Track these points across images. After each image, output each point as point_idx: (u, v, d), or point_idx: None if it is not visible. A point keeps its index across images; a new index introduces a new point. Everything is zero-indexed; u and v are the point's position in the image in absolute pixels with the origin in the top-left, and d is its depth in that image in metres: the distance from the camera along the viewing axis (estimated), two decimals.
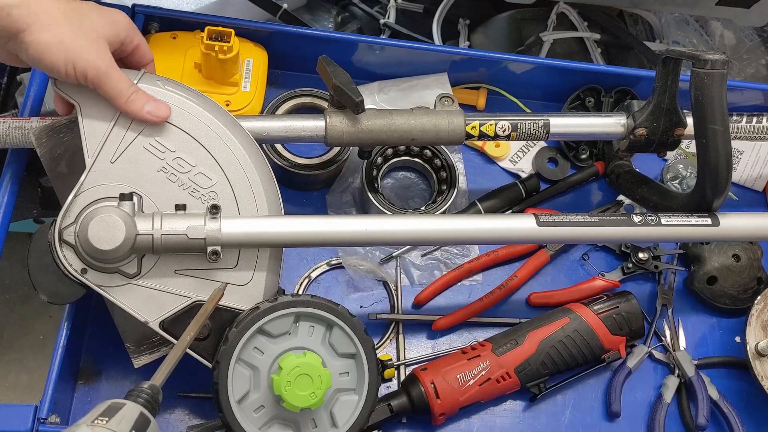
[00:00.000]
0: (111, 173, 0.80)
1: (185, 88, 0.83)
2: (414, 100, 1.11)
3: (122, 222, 0.76)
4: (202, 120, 0.81)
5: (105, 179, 0.79)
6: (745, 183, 1.18)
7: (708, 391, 0.98)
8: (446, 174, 1.06)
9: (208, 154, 0.81)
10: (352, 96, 0.85)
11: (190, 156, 0.81)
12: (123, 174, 0.80)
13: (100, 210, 0.77)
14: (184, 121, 0.81)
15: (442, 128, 0.90)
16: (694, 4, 1.18)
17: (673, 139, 0.97)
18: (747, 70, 1.32)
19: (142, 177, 0.80)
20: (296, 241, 0.82)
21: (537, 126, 0.94)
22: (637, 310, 0.98)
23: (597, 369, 0.98)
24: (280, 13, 1.19)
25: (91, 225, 0.76)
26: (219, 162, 0.81)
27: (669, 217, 0.90)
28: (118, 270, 0.79)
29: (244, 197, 0.82)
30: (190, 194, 0.81)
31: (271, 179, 0.84)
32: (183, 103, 0.81)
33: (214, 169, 0.81)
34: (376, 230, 0.84)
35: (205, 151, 0.81)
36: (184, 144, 0.81)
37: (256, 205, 0.82)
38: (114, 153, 0.80)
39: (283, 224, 0.82)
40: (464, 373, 0.91)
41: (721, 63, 0.85)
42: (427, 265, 1.05)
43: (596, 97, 1.14)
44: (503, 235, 0.88)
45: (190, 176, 0.81)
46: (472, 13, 1.30)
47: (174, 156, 0.80)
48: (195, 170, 0.81)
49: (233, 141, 0.82)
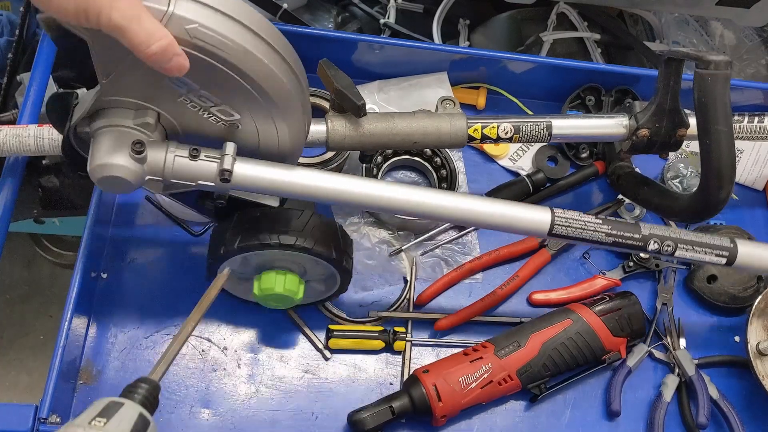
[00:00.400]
0: (126, 90, 0.73)
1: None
2: (414, 100, 1.11)
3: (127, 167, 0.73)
4: (241, 51, 0.69)
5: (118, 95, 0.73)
6: (745, 182, 1.18)
7: (708, 390, 0.98)
8: (446, 173, 1.06)
9: (238, 86, 0.71)
10: (353, 99, 0.84)
11: (216, 91, 0.72)
12: (140, 92, 0.73)
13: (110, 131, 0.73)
14: (219, 50, 0.68)
15: (444, 131, 0.90)
16: (694, 4, 1.18)
17: (676, 139, 0.97)
18: (747, 70, 1.33)
19: (161, 100, 0.74)
20: (302, 192, 0.81)
21: (539, 128, 0.94)
22: (639, 312, 0.98)
23: (597, 369, 0.98)
24: (280, 13, 1.19)
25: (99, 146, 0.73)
26: (246, 95, 0.72)
27: (685, 249, 0.88)
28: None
29: (266, 132, 0.77)
30: (211, 122, 0.76)
31: (303, 110, 0.78)
32: (221, 26, 0.68)
33: (240, 103, 0.74)
34: (393, 197, 0.82)
35: (234, 84, 0.71)
36: (211, 77, 0.70)
37: (278, 141, 0.78)
38: (130, 79, 0.71)
39: (290, 175, 0.79)
40: (466, 375, 0.91)
41: (725, 64, 0.85)
42: (429, 262, 1.05)
43: (596, 97, 1.14)
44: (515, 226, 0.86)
45: (213, 110, 0.75)
46: (472, 13, 1.30)
47: (198, 93, 0.73)
48: (217, 107, 0.74)
49: (272, 72, 0.71)
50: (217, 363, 0.95)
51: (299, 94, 0.76)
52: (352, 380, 0.97)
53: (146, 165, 0.75)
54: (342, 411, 0.93)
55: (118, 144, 0.73)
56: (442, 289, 1.03)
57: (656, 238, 0.87)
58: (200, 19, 0.65)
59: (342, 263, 0.87)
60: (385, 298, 1.03)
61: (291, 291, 0.88)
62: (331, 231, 0.87)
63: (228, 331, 0.97)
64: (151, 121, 0.74)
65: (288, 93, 0.74)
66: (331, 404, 0.95)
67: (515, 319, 1.01)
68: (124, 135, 0.74)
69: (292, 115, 0.76)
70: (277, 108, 0.74)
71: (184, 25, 0.65)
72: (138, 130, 0.74)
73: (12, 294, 1.69)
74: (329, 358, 0.97)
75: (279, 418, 0.94)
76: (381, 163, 1.06)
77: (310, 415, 0.94)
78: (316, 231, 0.84)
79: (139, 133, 0.74)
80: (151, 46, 0.62)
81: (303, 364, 0.97)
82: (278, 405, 0.94)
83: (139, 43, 0.62)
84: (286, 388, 0.95)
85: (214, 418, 0.93)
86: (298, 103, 0.76)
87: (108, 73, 0.70)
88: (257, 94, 0.72)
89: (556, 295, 1.04)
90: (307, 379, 0.96)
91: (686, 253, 0.88)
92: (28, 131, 0.86)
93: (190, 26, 0.65)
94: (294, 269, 0.89)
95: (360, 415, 0.90)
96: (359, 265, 1.03)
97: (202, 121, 0.76)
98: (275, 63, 0.71)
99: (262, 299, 0.90)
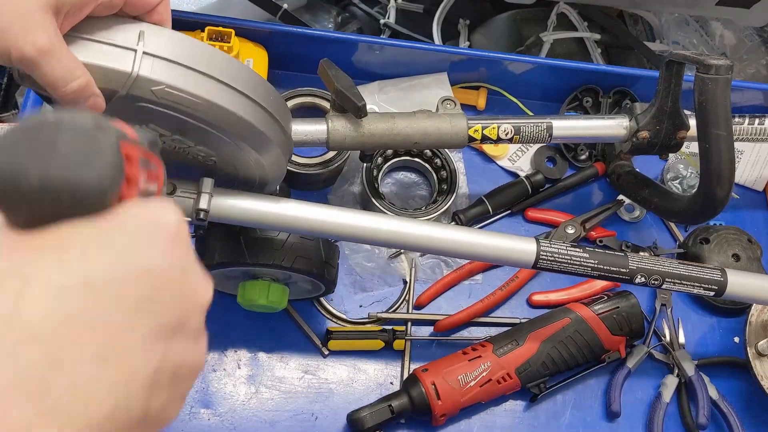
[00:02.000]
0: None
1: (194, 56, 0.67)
2: (414, 100, 1.11)
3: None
4: (205, 96, 0.67)
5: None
6: (745, 183, 1.18)
7: (708, 391, 0.99)
8: (446, 174, 1.06)
9: (208, 131, 0.70)
10: (354, 100, 0.84)
11: (189, 136, 0.72)
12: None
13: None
14: (185, 107, 0.67)
15: (445, 132, 0.90)
16: (694, 4, 1.18)
17: (676, 141, 0.97)
18: (747, 70, 1.32)
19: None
20: (281, 224, 0.81)
21: (540, 129, 0.94)
22: (638, 310, 0.98)
23: (597, 369, 0.98)
24: (280, 13, 1.19)
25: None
26: (218, 139, 0.72)
27: (673, 284, 0.88)
28: None
29: (244, 166, 0.77)
30: (188, 158, 0.76)
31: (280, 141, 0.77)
32: (183, 78, 0.66)
33: (214, 146, 0.74)
34: (375, 228, 0.82)
35: (205, 132, 0.70)
36: (181, 126, 0.70)
37: (257, 172, 0.78)
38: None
39: (270, 206, 0.79)
40: (465, 373, 0.91)
41: (726, 68, 0.85)
42: (428, 264, 1.05)
43: (594, 98, 1.14)
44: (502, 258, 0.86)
45: (188, 151, 0.75)
46: (472, 13, 1.30)
47: (171, 138, 0.72)
48: (192, 149, 0.74)
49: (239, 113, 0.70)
50: (217, 363, 0.95)
51: (274, 131, 0.75)
52: (352, 381, 0.97)
53: None
54: (342, 412, 0.93)
55: None
56: (441, 290, 1.03)
57: (643, 272, 0.87)
58: (166, 79, 0.64)
59: (323, 276, 0.88)
60: (384, 299, 1.03)
61: (274, 302, 0.89)
62: (313, 245, 0.87)
63: (228, 332, 0.97)
64: None
65: (259, 134, 0.72)
66: (331, 405, 0.95)
67: (515, 319, 1.01)
68: None
69: (267, 150, 0.75)
70: (250, 147, 0.73)
71: (150, 87, 0.63)
72: None
73: None
74: (327, 354, 0.97)
75: (279, 419, 0.94)
76: (381, 164, 1.06)
77: (310, 415, 0.94)
78: (296, 247, 0.85)
79: None
80: (68, 84, 0.58)
81: (303, 364, 0.97)
82: (278, 405, 0.95)
83: (55, 80, 0.57)
84: (286, 389, 0.96)
85: (213, 418, 0.93)
86: (271, 140, 0.74)
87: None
88: (228, 139, 0.71)
89: (556, 296, 1.04)
90: (306, 379, 0.96)
91: (674, 286, 0.88)
92: None
93: (156, 88, 0.64)
94: (278, 276, 0.90)
95: (359, 414, 0.90)
96: (358, 268, 1.03)
97: (179, 155, 0.75)
98: (247, 112, 0.70)
99: (246, 306, 0.91)
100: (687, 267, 0.88)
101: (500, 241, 0.84)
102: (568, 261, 0.85)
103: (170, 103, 0.65)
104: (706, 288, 0.88)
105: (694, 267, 0.89)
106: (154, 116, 0.67)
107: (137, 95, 0.63)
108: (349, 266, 1.02)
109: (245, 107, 0.71)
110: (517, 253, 0.84)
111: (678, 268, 0.88)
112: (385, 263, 1.03)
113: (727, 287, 0.88)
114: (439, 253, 0.93)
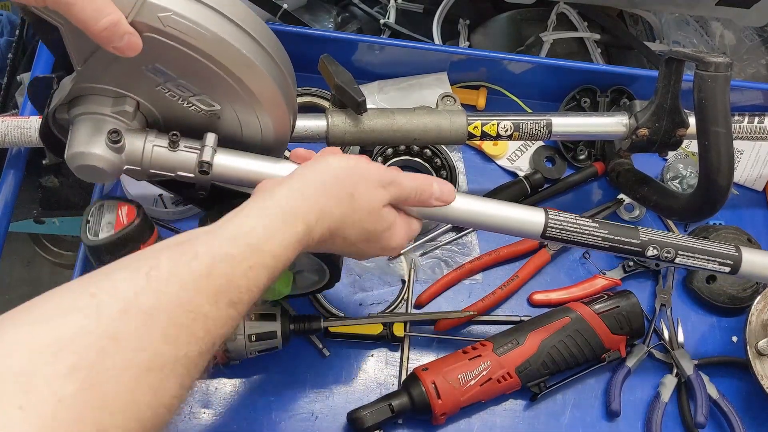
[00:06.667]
0: (102, 77, 0.71)
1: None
2: (414, 100, 1.11)
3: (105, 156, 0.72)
4: (217, 39, 0.67)
5: (96, 82, 0.71)
6: (745, 183, 1.18)
7: (707, 390, 0.98)
8: (446, 173, 1.06)
9: (216, 76, 0.69)
10: (354, 96, 0.84)
11: (194, 81, 0.71)
12: (117, 79, 0.71)
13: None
14: (193, 39, 0.66)
15: (444, 128, 0.90)
16: (694, 4, 1.18)
17: (675, 139, 0.97)
18: (747, 70, 1.32)
19: (139, 89, 0.73)
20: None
21: (539, 126, 0.94)
22: (638, 309, 0.98)
23: (597, 368, 0.98)
24: (280, 13, 1.19)
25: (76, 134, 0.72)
26: (225, 85, 0.71)
27: (686, 257, 0.86)
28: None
29: (248, 123, 0.76)
30: (192, 112, 0.75)
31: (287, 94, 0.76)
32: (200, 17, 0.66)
33: (219, 94, 0.72)
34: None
35: (211, 74, 0.69)
36: (187, 67, 0.69)
37: (261, 133, 0.77)
38: (106, 66, 0.69)
39: (272, 168, 0.77)
40: (465, 373, 0.91)
41: (725, 66, 0.85)
42: (429, 263, 1.05)
43: (592, 98, 1.14)
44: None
45: (193, 99, 0.73)
46: (472, 13, 1.30)
47: (176, 83, 0.71)
48: (197, 97, 0.73)
49: (251, 64, 0.70)
50: (217, 363, 0.95)
51: (282, 86, 0.74)
52: (352, 380, 0.97)
53: (124, 154, 0.73)
54: (342, 411, 0.93)
55: (95, 132, 0.72)
56: (441, 289, 1.03)
57: (655, 244, 0.85)
58: (174, 6, 0.63)
59: (329, 258, 0.86)
60: (384, 299, 1.03)
61: (278, 287, 0.88)
62: None
63: None
64: (129, 109, 0.72)
65: (269, 85, 0.72)
66: (331, 404, 0.95)
67: (515, 317, 1.01)
68: (101, 123, 0.72)
69: (274, 108, 0.74)
70: (258, 100, 0.72)
71: (157, 13, 0.63)
72: (116, 118, 0.72)
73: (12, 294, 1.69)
74: (328, 355, 0.97)
75: (279, 419, 0.94)
76: (381, 163, 1.06)
77: (310, 415, 0.94)
78: None
79: (117, 121, 0.73)
80: (99, 21, 0.59)
81: (303, 364, 0.97)
82: (278, 405, 0.94)
83: (86, 18, 0.59)
84: (286, 389, 0.95)
85: (214, 418, 0.93)
86: (280, 96, 0.74)
87: (82, 59, 0.68)
88: (235, 85, 0.70)
89: (557, 296, 1.04)
90: (307, 379, 0.96)
91: (687, 260, 0.86)
92: (29, 122, 0.86)
93: (163, 14, 0.63)
94: None
95: (359, 413, 0.90)
96: (357, 267, 1.02)
97: (183, 110, 0.74)
98: (254, 53, 0.69)
99: None
100: (701, 241, 0.86)
101: (508, 210, 0.83)
102: (577, 231, 0.83)
103: (177, 34, 0.64)
104: (721, 263, 0.86)
105: (708, 242, 0.87)
106: (161, 53, 0.66)
107: (144, 22, 0.63)
108: (348, 266, 1.02)
109: (259, 55, 0.70)
110: (525, 223, 0.83)
111: (692, 241, 0.86)
112: (384, 263, 1.03)
113: (741, 264, 0.87)
114: (448, 222, 0.89)
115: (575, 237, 0.84)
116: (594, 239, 0.84)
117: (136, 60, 0.64)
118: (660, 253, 0.85)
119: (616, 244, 0.85)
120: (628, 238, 0.85)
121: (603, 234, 0.84)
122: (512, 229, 0.83)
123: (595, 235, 0.84)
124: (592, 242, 0.84)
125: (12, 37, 1.18)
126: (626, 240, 0.85)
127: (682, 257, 0.86)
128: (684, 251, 0.86)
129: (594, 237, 0.84)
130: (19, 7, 0.66)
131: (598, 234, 0.84)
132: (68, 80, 0.73)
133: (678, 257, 0.86)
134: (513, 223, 0.83)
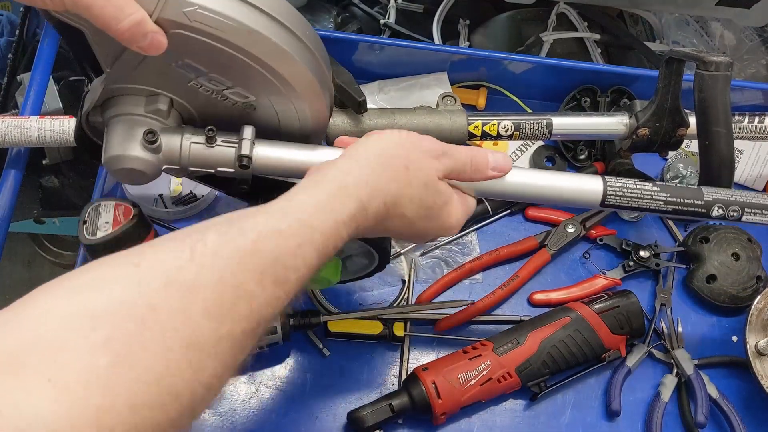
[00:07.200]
0: (132, 77, 0.70)
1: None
2: (414, 100, 1.11)
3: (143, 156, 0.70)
4: (246, 32, 0.65)
5: (127, 82, 0.70)
6: (745, 182, 1.18)
7: (707, 390, 0.98)
8: None
9: (248, 67, 0.68)
10: (354, 95, 0.84)
11: (226, 74, 0.69)
12: (148, 78, 0.70)
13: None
14: (221, 32, 0.64)
15: (445, 128, 0.90)
16: (694, 5, 1.18)
17: (676, 139, 0.97)
18: (747, 70, 1.33)
19: (171, 86, 0.71)
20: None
21: (539, 126, 0.94)
22: (638, 309, 0.98)
23: (597, 368, 0.98)
24: None
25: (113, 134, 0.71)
26: (258, 76, 0.69)
27: (753, 214, 0.81)
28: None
29: (285, 112, 0.74)
30: (227, 105, 0.73)
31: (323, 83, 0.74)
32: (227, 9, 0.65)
33: (253, 85, 0.70)
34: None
35: (243, 66, 0.67)
36: (218, 61, 0.67)
37: (299, 121, 0.75)
38: (135, 65, 0.68)
39: (313, 155, 0.74)
40: (465, 372, 0.91)
41: (726, 65, 0.85)
42: (429, 263, 1.05)
43: (592, 98, 1.14)
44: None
45: (227, 92, 0.72)
46: (472, 13, 1.30)
47: (208, 77, 0.70)
48: (231, 90, 0.71)
49: (283, 53, 0.68)
50: None
51: (317, 72, 0.72)
52: (352, 380, 0.97)
53: (161, 154, 0.72)
54: (342, 411, 0.93)
55: (131, 134, 0.70)
56: (442, 289, 1.03)
57: (720, 203, 0.80)
58: (199, 0, 0.62)
59: (378, 242, 0.83)
60: (384, 298, 1.03)
61: (327, 275, 0.86)
62: None
63: None
64: (163, 107, 0.71)
65: (303, 72, 0.70)
66: (331, 404, 0.95)
67: (515, 317, 1.01)
68: (136, 123, 0.71)
69: (310, 95, 0.72)
70: (293, 88, 0.70)
71: (183, 8, 0.61)
72: (151, 117, 0.71)
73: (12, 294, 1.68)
74: (328, 355, 0.97)
75: (279, 419, 0.94)
76: None
77: (310, 415, 0.94)
78: None
79: (152, 120, 0.71)
80: (122, 21, 0.58)
81: (303, 364, 0.97)
82: (278, 405, 0.94)
83: (108, 19, 0.58)
84: (286, 388, 0.95)
85: (214, 418, 0.93)
86: (316, 82, 0.72)
87: (110, 60, 0.67)
88: (269, 75, 0.68)
89: (557, 295, 1.04)
90: (307, 378, 0.96)
91: (755, 217, 0.81)
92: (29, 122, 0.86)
93: (188, 9, 0.61)
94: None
95: (359, 412, 0.90)
96: None
97: (217, 104, 0.72)
98: (286, 41, 0.67)
99: None
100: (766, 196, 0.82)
101: (565, 180, 0.79)
102: (638, 196, 0.79)
103: (204, 28, 0.63)
104: None
105: None
106: (189, 48, 0.65)
107: (169, 18, 0.61)
108: None
109: (290, 42, 0.67)
110: (583, 192, 0.79)
111: (758, 197, 0.81)
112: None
113: None
114: (502, 197, 0.81)
115: (636, 203, 0.80)
116: (656, 203, 0.80)
117: (165, 57, 0.63)
118: (726, 212, 0.81)
119: (680, 206, 0.80)
120: (692, 199, 0.80)
121: (665, 197, 0.80)
122: (570, 200, 0.79)
123: (656, 198, 0.79)
124: (655, 206, 0.80)
125: (12, 37, 1.18)
126: (690, 201, 0.80)
127: (749, 214, 0.81)
128: (751, 208, 0.81)
129: (656, 201, 0.80)
130: (42, 13, 0.66)
131: (660, 198, 0.80)
132: (98, 82, 0.71)
133: (745, 215, 0.81)
134: (570, 192, 0.79)
